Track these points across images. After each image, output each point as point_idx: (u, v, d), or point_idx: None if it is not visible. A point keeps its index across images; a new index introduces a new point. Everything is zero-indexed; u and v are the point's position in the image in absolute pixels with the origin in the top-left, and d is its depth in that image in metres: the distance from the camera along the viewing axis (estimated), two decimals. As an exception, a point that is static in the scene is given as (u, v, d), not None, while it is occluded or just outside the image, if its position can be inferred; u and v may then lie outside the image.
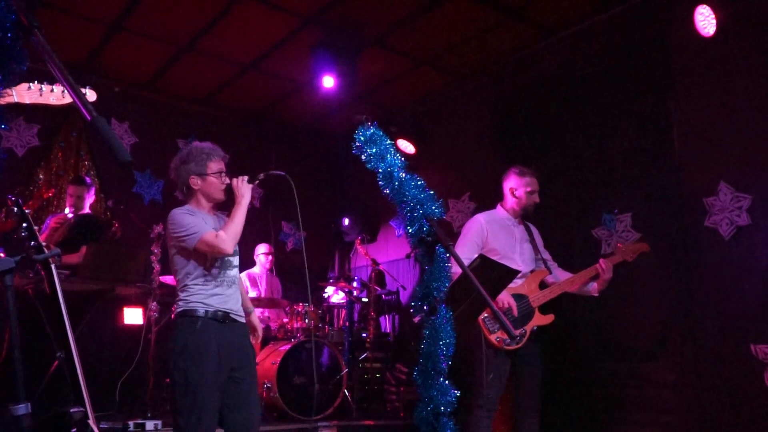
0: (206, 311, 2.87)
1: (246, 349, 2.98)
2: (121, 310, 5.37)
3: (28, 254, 1.92)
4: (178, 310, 2.92)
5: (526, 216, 4.08)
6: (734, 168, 4.30)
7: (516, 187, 4.01)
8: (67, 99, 2.50)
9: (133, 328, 5.28)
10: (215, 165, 3.04)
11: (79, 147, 6.38)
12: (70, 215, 5.05)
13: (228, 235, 2.88)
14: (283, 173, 3.06)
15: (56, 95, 2.48)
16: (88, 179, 5.41)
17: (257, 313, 6.15)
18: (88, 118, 1.35)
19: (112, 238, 6.39)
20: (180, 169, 3.03)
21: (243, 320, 3.04)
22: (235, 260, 3.08)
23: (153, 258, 4.98)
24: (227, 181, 3.03)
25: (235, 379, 2.88)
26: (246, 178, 3.03)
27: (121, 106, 6.66)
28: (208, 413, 2.75)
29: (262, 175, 3.04)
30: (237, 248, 3.07)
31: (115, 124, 6.61)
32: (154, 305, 5.00)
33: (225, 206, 3.17)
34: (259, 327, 3.28)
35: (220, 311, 2.90)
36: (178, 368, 2.79)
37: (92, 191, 5.34)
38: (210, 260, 2.95)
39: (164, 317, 5.35)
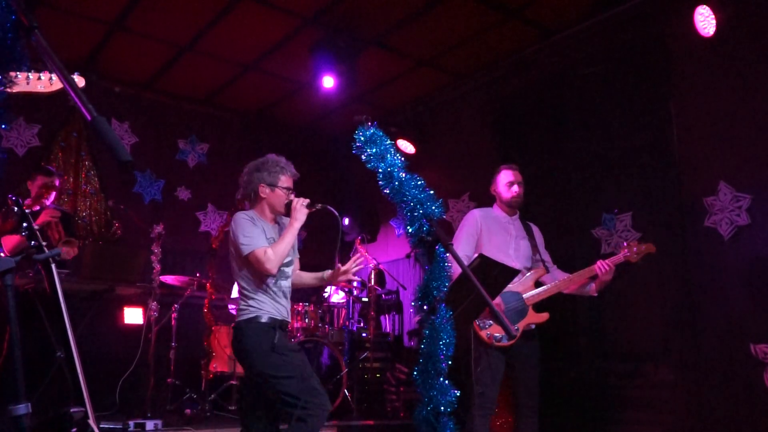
0: (272, 318, 3.01)
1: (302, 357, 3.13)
2: (122, 310, 5.38)
3: (29, 254, 1.92)
4: (241, 318, 3.03)
5: (515, 210, 4.08)
6: (734, 168, 4.31)
7: (496, 184, 4.05)
8: (55, 86, 2.47)
9: (134, 328, 5.29)
10: (286, 180, 3.17)
11: (80, 147, 6.39)
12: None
13: (275, 255, 2.98)
14: (335, 212, 3.16)
15: (44, 83, 2.45)
16: (53, 169, 5.14)
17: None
18: (89, 118, 1.35)
19: (113, 237, 6.40)
20: (252, 175, 3.15)
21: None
22: (289, 270, 3.19)
23: (153, 258, 4.99)
24: (291, 197, 3.15)
25: None
26: (307, 201, 3.13)
27: (121, 106, 6.67)
28: (316, 389, 2.88)
29: (319, 205, 3.16)
30: (292, 259, 3.20)
31: (116, 124, 6.61)
32: (154, 305, 5.00)
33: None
34: (327, 272, 3.32)
35: (277, 320, 3.05)
36: (272, 365, 2.92)
37: (58, 182, 5.14)
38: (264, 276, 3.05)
39: (164, 317, 5.35)
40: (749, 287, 4.16)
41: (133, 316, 5.34)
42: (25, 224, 1.99)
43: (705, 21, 4.32)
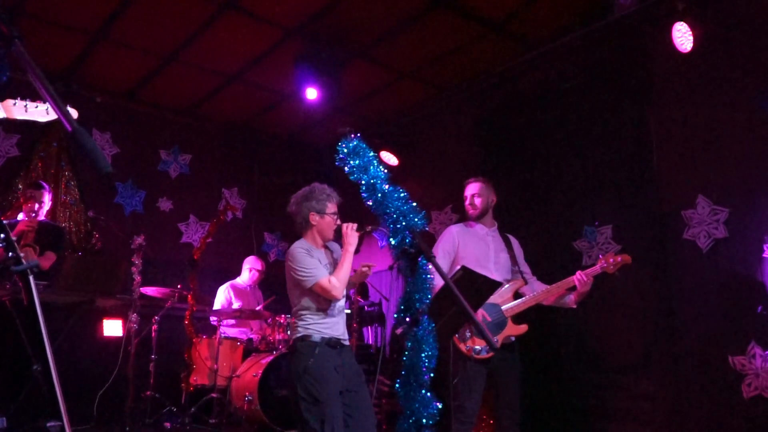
0: (322, 338, 3.17)
1: (356, 369, 3.26)
2: (101, 322, 5.31)
3: (6, 265, 1.89)
4: (297, 335, 3.23)
5: (492, 222, 4.12)
6: (712, 181, 4.38)
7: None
8: (52, 116, 2.50)
9: (113, 340, 5.22)
10: (332, 206, 3.35)
11: (60, 157, 6.32)
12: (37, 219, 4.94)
13: (339, 282, 3.19)
14: (386, 231, 3.17)
15: (40, 112, 2.48)
16: (45, 184, 5.22)
17: (239, 327, 6.15)
18: (69, 129, 1.34)
19: (92, 248, 6.33)
20: (301, 204, 3.33)
21: (348, 344, 3.32)
22: (344, 291, 3.34)
23: (134, 269, 4.94)
24: (339, 222, 3.32)
25: (351, 393, 3.15)
26: (355, 226, 3.26)
27: (102, 116, 6.61)
28: (337, 422, 2.99)
29: (369, 228, 3.26)
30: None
31: (97, 135, 6.56)
32: (134, 317, 4.95)
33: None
34: (360, 271, 3.51)
35: (333, 338, 3.21)
36: (303, 387, 3.06)
37: (50, 197, 5.08)
38: (323, 298, 3.23)
39: (144, 329, 5.30)
40: (727, 299, 4.21)
41: (113, 328, 5.28)
42: (2, 235, 1.97)
43: (683, 37, 4.40)
